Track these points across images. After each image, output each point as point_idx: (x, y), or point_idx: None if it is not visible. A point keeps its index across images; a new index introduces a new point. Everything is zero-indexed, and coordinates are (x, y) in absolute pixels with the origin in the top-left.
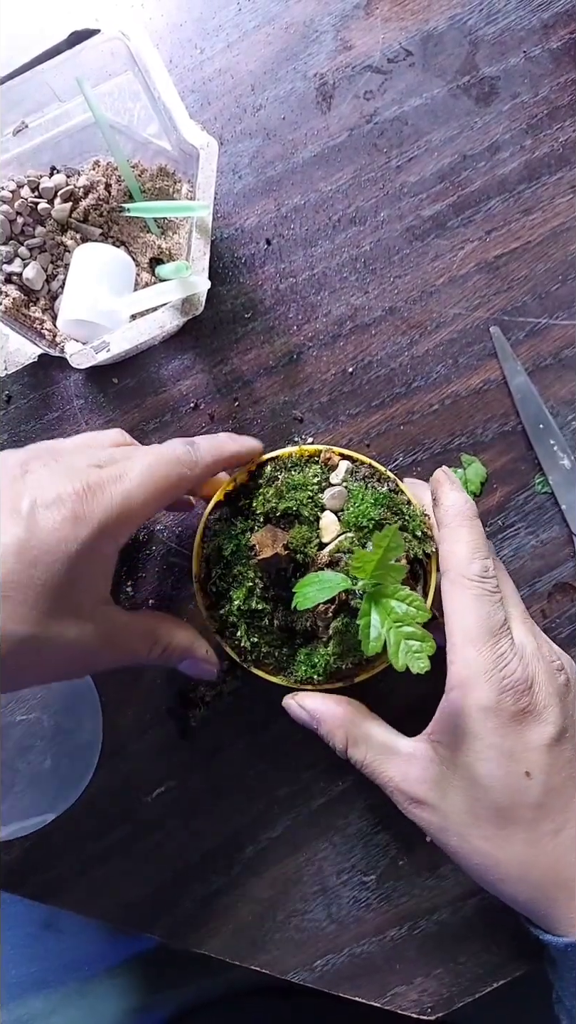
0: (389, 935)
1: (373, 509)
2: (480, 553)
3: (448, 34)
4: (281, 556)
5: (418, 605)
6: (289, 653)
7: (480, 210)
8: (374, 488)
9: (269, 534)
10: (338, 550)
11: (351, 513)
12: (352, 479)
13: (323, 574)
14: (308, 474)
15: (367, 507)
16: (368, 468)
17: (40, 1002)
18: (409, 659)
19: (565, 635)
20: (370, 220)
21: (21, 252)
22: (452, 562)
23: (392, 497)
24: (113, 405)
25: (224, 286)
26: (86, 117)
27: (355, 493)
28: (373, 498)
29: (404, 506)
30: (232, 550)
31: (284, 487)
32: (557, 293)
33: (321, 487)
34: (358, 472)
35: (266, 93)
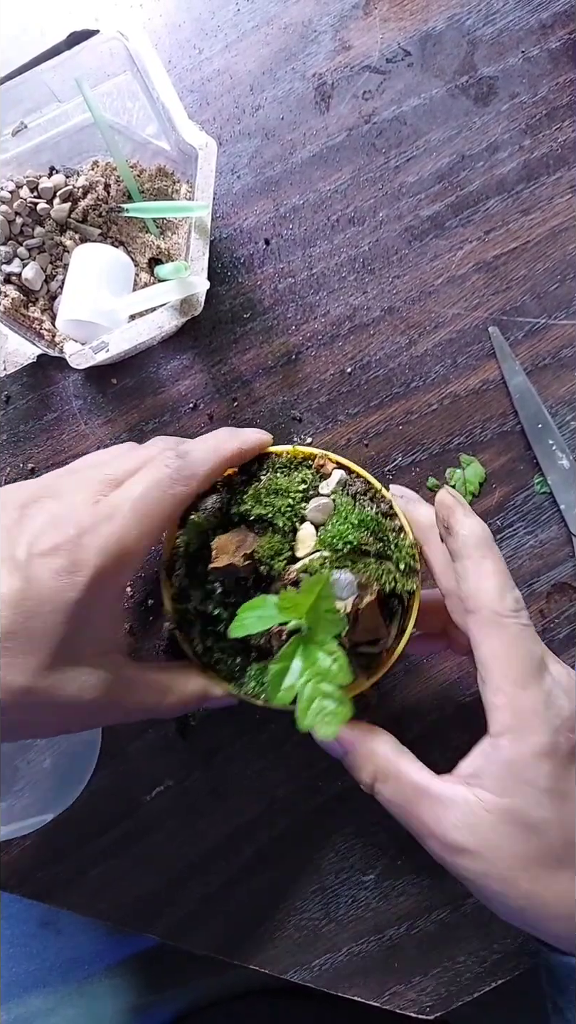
0: (388, 934)
1: (354, 531)
2: (509, 583)
3: (447, 34)
4: (238, 567)
5: (341, 665)
6: (242, 664)
7: (479, 210)
8: (362, 507)
9: (235, 540)
10: (306, 569)
11: (330, 531)
12: (343, 492)
13: (268, 599)
14: (295, 479)
15: (347, 528)
16: (363, 483)
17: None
18: (318, 721)
19: (564, 635)
20: (369, 220)
21: (20, 252)
22: (483, 599)
23: (380, 521)
24: (112, 405)
25: (223, 286)
26: (85, 117)
27: (341, 509)
28: (358, 518)
29: (391, 533)
30: (197, 547)
31: (264, 490)
32: (556, 293)
33: (306, 495)
34: (351, 486)
35: (265, 93)
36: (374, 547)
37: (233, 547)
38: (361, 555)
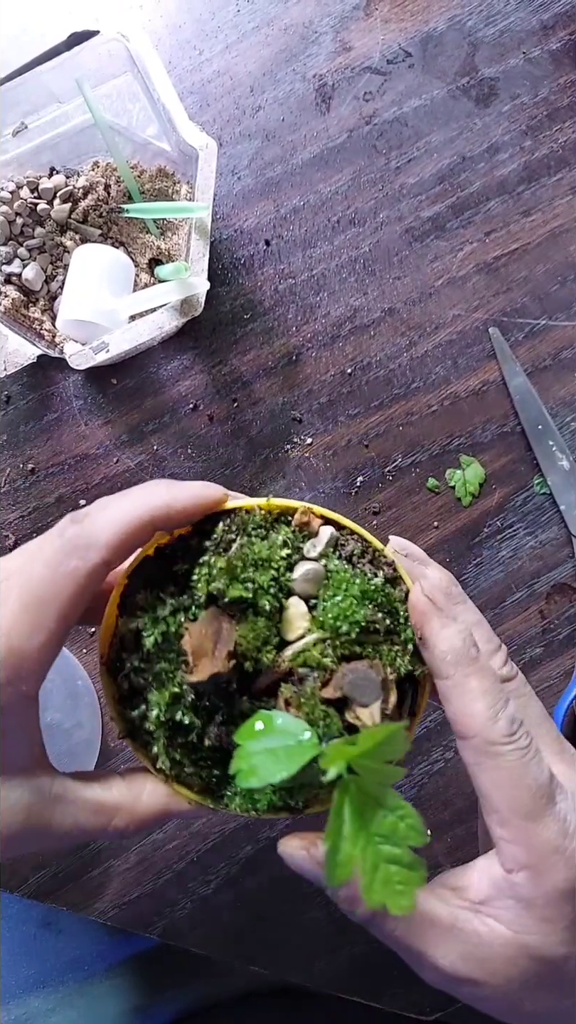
0: None
1: (359, 608)
2: (500, 700)
3: (447, 35)
4: (224, 673)
5: (412, 824)
6: (221, 776)
7: (479, 211)
8: (363, 574)
9: (210, 632)
10: (304, 662)
11: (328, 610)
12: (335, 556)
13: (278, 719)
14: (276, 542)
15: (350, 604)
16: (359, 541)
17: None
18: (389, 894)
19: (564, 636)
20: (369, 221)
21: (20, 253)
22: (471, 726)
23: (387, 592)
24: (112, 406)
25: (223, 287)
26: (85, 118)
27: (336, 578)
28: (361, 590)
29: (401, 604)
30: (156, 640)
31: (240, 562)
32: (556, 294)
33: (290, 563)
34: (344, 546)
35: (265, 94)
36: (384, 624)
37: (211, 644)
38: (369, 636)
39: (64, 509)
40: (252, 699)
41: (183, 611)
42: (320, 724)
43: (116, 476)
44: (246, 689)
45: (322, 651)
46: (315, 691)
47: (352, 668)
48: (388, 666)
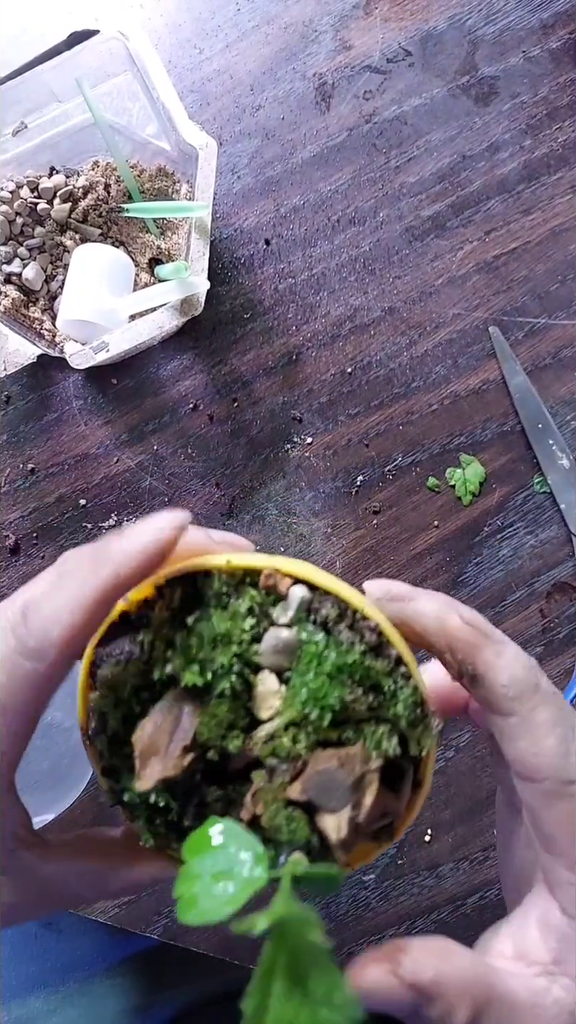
0: (388, 934)
1: (332, 688)
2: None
3: (447, 34)
4: (176, 775)
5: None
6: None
7: (479, 210)
8: (338, 644)
9: (163, 727)
10: (273, 751)
11: (298, 691)
12: (308, 622)
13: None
14: (238, 611)
15: (322, 684)
16: (335, 603)
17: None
18: None
19: (564, 635)
20: (369, 220)
21: (20, 252)
22: (543, 767)
23: (369, 665)
24: (112, 406)
25: (223, 287)
26: (85, 117)
27: (310, 652)
28: (335, 665)
29: (386, 677)
30: (119, 720)
31: (197, 640)
32: (556, 293)
33: (257, 635)
34: (319, 609)
35: (265, 93)
36: (365, 703)
37: (165, 740)
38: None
39: (64, 508)
40: (225, 783)
41: (145, 693)
42: (284, 830)
43: (116, 476)
44: (219, 778)
45: (294, 736)
46: (281, 788)
47: (318, 769)
48: (373, 751)
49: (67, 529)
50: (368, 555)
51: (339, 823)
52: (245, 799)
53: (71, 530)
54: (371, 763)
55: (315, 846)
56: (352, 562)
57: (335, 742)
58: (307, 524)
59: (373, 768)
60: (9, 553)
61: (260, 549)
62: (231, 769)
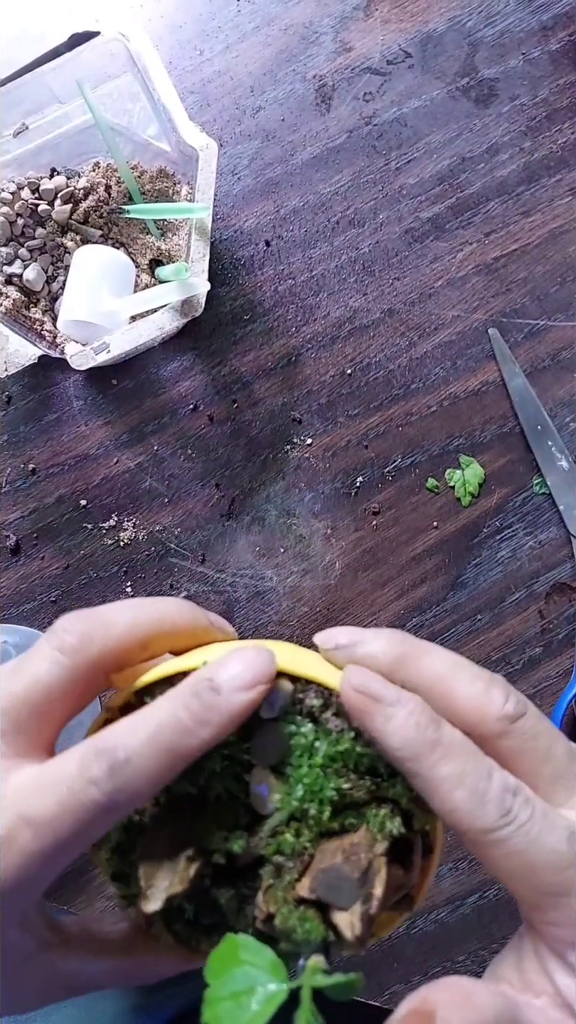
0: (388, 935)
1: (327, 780)
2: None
3: (447, 36)
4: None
5: None
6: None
7: (479, 212)
8: (327, 733)
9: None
10: (278, 849)
11: (295, 787)
12: (296, 714)
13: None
14: None
15: (316, 778)
16: (317, 691)
17: None
18: None
19: (563, 636)
20: (369, 222)
21: (21, 254)
22: (460, 820)
23: (361, 752)
24: (112, 406)
25: (223, 288)
26: (86, 119)
27: (300, 744)
28: (327, 755)
29: (380, 759)
30: (122, 830)
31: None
32: (555, 295)
33: (246, 733)
34: (304, 699)
35: (265, 95)
36: (364, 788)
37: (167, 853)
38: (345, 802)
39: (64, 509)
40: (236, 880)
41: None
42: (298, 931)
43: (116, 476)
44: (232, 877)
45: (296, 831)
46: (290, 887)
47: (323, 868)
48: (377, 834)
49: (67, 529)
50: (367, 556)
51: (352, 920)
52: (257, 899)
53: (71, 531)
54: (376, 847)
55: (332, 940)
56: (351, 563)
57: (339, 831)
58: (307, 525)
59: (379, 852)
60: (9, 553)
61: (260, 551)
62: (240, 864)
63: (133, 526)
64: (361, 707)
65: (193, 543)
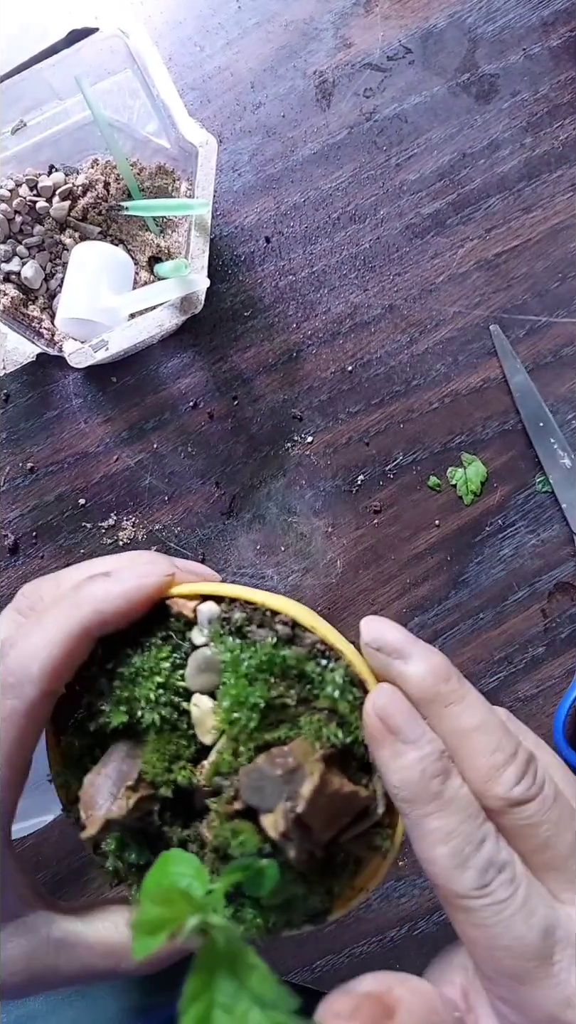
0: (389, 935)
1: (253, 688)
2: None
3: (448, 32)
4: (123, 817)
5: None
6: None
7: (480, 208)
8: (252, 644)
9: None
10: (216, 771)
11: (222, 700)
12: (224, 633)
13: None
14: (155, 642)
15: (242, 687)
16: (242, 606)
17: (39, 1002)
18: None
19: (565, 635)
20: (370, 218)
21: (20, 250)
22: (436, 874)
23: (285, 655)
24: (112, 404)
25: (223, 284)
26: (85, 115)
27: (227, 660)
28: (252, 664)
29: (308, 662)
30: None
31: (119, 682)
32: (557, 291)
33: (179, 662)
34: (229, 618)
35: (266, 91)
36: (293, 695)
37: (108, 786)
38: (281, 714)
39: (64, 507)
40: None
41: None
42: (232, 844)
43: (116, 474)
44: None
45: (234, 750)
46: (227, 804)
47: (247, 770)
48: (315, 742)
49: (66, 528)
50: (369, 554)
51: (275, 818)
52: (202, 829)
53: (70, 529)
54: (314, 754)
55: (272, 854)
56: (352, 561)
57: (277, 744)
58: (307, 523)
59: (315, 758)
60: (8, 552)
61: (260, 549)
62: (199, 805)
63: (133, 524)
64: (374, 732)
65: (193, 541)
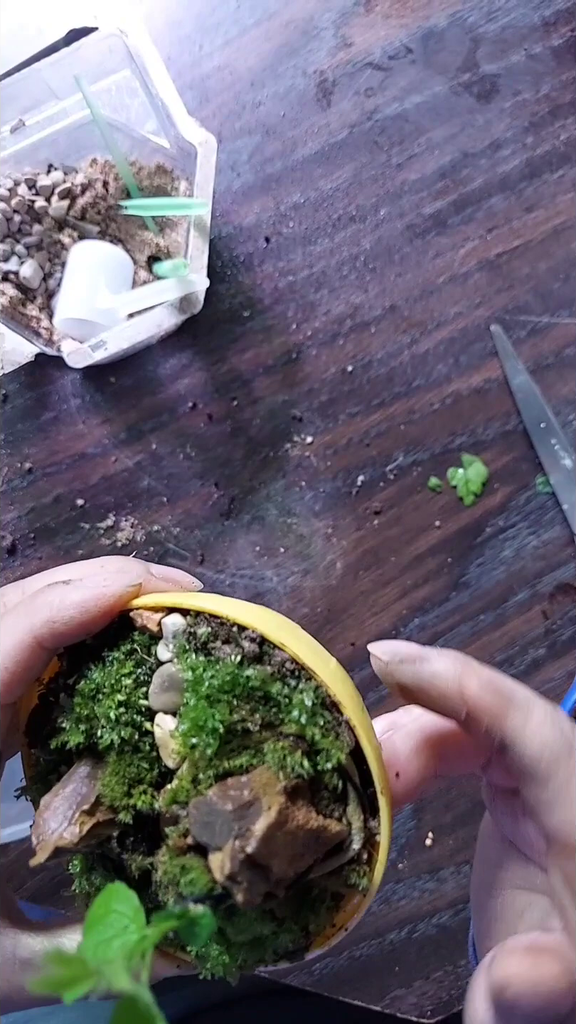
0: (388, 938)
1: (213, 710)
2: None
3: (449, 31)
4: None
5: None
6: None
7: (481, 208)
8: (216, 661)
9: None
10: (174, 799)
11: (181, 724)
12: (189, 648)
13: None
14: (117, 657)
15: (202, 709)
16: (207, 620)
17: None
18: None
19: (567, 637)
20: (370, 218)
21: (18, 250)
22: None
23: (249, 675)
24: (110, 404)
25: (222, 284)
26: (84, 114)
27: (190, 680)
28: (215, 684)
29: (274, 683)
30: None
31: (79, 698)
32: (559, 291)
33: (144, 678)
34: (196, 631)
35: (265, 90)
36: (257, 720)
37: (64, 808)
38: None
39: (62, 509)
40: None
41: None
42: (181, 882)
43: (114, 475)
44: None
45: (193, 778)
46: (180, 837)
47: (196, 803)
48: (278, 772)
49: (64, 529)
50: (369, 556)
51: (222, 859)
52: (156, 858)
53: (68, 530)
54: (276, 786)
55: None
56: (353, 563)
57: (237, 772)
58: (307, 524)
59: (277, 790)
60: (6, 553)
61: (260, 550)
62: (163, 831)
63: (131, 526)
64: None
65: (192, 543)
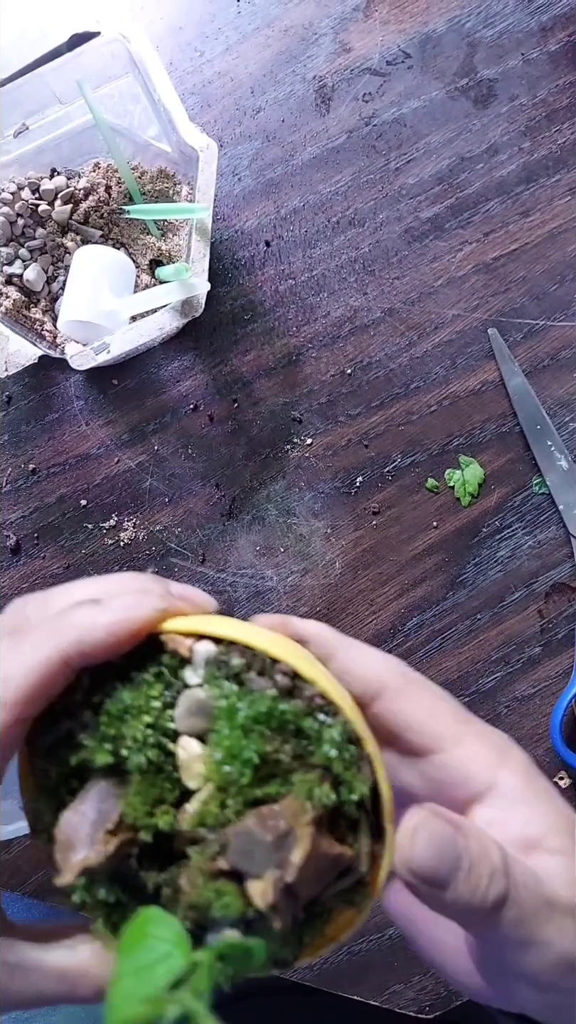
0: (388, 933)
1: (248, 741)
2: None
3: (446, 36)
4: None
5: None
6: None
7: (478, 212)
8: (249, 693)
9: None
10: (202, 821)
11: (214, 751)
12: (219, 676)
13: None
14: (143, 683)
15: (236, 740)
16: (241, 652)
17: None
18: None
19: (562, 635)
20: (369, 222)
21: (22, 254)
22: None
23: (285, 708)
24: (113, 406)
25: (223, 288)
26: (87, 119)
27: (222, 707)
28: (248, 716)
29: (306, 718)
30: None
31: (106, 718)
32: (555, 294)
33: (169, 701)
34: (227, 661)
35: (265, 95)
36: (288, 751)
37: (87, 827)
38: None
39: (65, 509)
40: (168, 866)
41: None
42: (215, 906)
43: (117, 476)
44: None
45: (221, 802)
46: (211, 861)
47: (235, 831)
48: (305, 802)
49: (68, 529)
50: (367, 555)
51: (264, 888)
52: (181, 880)
53: (72, 530)
54: (305, 816)
55: (255, 919)
56: (352, 562)
57: (267, 800)
58: (307, 524)
59: (305, 821)
60: (10, 553)
61: (260, 550)
62: (177, 850)
63: (134, 526)
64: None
65: (193, 542)
